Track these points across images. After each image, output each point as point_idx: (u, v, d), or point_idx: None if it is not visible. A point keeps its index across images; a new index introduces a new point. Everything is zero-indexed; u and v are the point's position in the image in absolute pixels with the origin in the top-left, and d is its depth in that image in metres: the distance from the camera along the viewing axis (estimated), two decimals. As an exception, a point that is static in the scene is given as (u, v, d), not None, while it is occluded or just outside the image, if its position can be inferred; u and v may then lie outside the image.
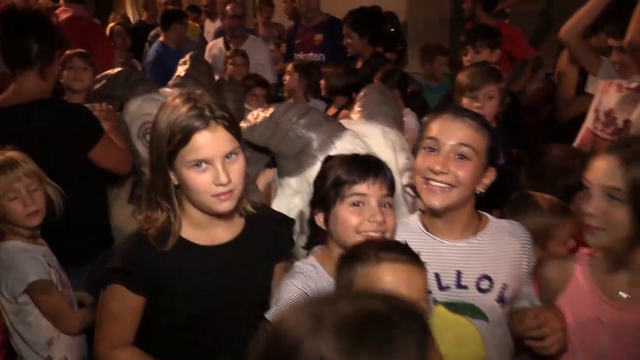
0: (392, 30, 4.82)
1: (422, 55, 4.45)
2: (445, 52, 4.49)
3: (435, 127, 1.40)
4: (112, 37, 4.94)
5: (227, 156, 1.29)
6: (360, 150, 1.58)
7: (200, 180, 1.28)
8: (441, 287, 1.38)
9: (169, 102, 1.33)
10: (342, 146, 1.57)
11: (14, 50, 2.14)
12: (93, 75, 3.12)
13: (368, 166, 1.38)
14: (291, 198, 1.61)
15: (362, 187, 1.35)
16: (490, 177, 1.42)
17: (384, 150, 1.64)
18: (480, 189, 1.41)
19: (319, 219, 1.42)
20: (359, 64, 3.80)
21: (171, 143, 1.27)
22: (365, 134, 1.66)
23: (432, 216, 1.44)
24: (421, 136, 1.45)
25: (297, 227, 1.62)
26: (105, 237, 2.43)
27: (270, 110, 1.62)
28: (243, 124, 1.66)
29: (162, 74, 4.35)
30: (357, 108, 1.78)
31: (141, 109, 2.55)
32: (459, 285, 1.38)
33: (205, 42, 5.70)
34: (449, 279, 1.38)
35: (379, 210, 1.34)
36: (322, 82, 3.68)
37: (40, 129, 2.09)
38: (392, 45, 4.68)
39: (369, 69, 3.63)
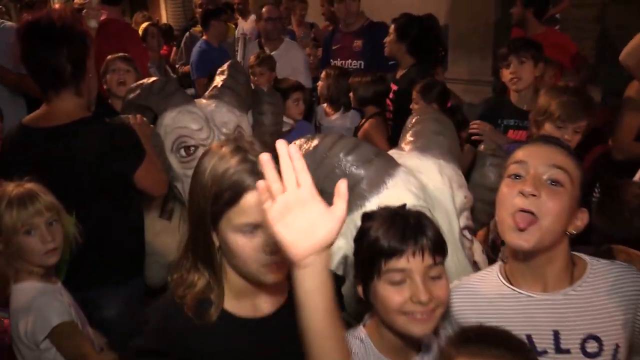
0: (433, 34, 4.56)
1: None
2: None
3: (522, 152, 1.21)
4: (145, 39, 4.85)
5: None
6: (414, 189, 1.40)
7: (250, 247, 1.09)
8: (537, 353, 1.15)
9: (214, 150, 1.14)
10: (395, 185, 1.39)
11: (45, 72, 1.98)
12: (136, 78, 3.05)
13: (406, 231, 1.15)
14: (335, 239, 1.44)
15: (401, 262, 1.14)
16: (583, 218, 1.20)
17: (440, 189, 1.46)
18: (571, 230, 1.19)
19: (359, 290, 1.23)
20: (399, 73, 3.60)
21: (217, 202, 1.09)
22: (419, 170, 1.48)
23: (516, 264, 1.23)
24: (503, 170, 1.26)
25: (339, 272, 1.46)
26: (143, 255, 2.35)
27: (315, 142, 1.45)
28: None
29: (207, 71, 4.36)
30: (409, 137, 1.60)
31: (176, 122, 2.43)
32: (559, 349, 1.16)
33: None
34: (545, 342, 1.17)
35: (424, 286, 1.12)
36: (351, 94, 3.56)
37: (85, 151, 1.96)
38: (433, 51, 4.46)
39: (407, 81, 3.44)
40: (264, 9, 4.62)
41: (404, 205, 1.24)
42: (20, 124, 2.08)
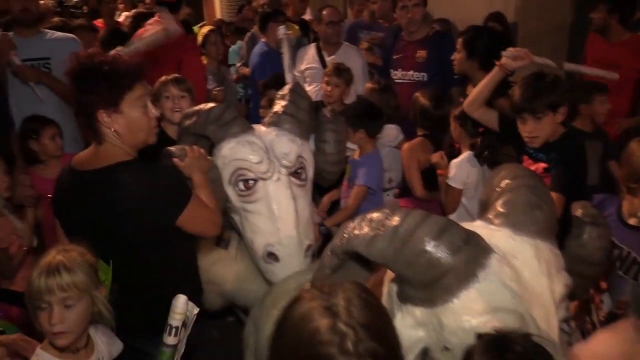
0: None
1: None
2: None
3: None
4: (205, 46, 4.72)
5: None
6: (509, 282, 1.21)
7: None
8: None
9: (304, 299, 1.00)
10: (487, 278, 1.20)
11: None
12: (190, 102, 2.92)
13: None
14: (413, 330, 1.26)
15: None
16: None
17: (537, 278, 1.25)
18: None
19: None
20: (469, 89, 3.33)
21: None
22: (514, 253, 1.27)
23: None
24: None
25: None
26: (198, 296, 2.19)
27: (395, 220, 1.25)
28: (355, 230, 1.33)
29: (269, 74, 4.28)
30: (499, 208, 1.39)
31: (234, 153, 2.30)
32: None
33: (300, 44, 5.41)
34: None
35: None
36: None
37: (121, 197, 1.83)
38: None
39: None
40: (324, 12, 4.36)
41: (528, 335, 1.06)
42: (69, 165, 1.99)
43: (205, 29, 4.97)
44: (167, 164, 2.06)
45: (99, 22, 5.30)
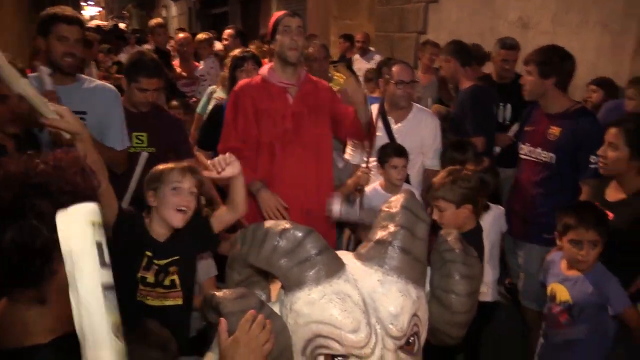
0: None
1: None
2: None
3: None
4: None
5: None
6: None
7: None
8: None
9: None
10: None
11: None
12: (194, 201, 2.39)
13: None
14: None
15: None
16: None
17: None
18: None
19: None
20: (613, 186, 2.48)
21: None
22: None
23: None
24: None
25: None
26: None
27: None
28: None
29: None
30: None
31: (315, 312, 1.39)
32: None
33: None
34: None
35: None
36: None
37: None
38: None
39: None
40: (394, 69, 3.52)
41: None
42: None
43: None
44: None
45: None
